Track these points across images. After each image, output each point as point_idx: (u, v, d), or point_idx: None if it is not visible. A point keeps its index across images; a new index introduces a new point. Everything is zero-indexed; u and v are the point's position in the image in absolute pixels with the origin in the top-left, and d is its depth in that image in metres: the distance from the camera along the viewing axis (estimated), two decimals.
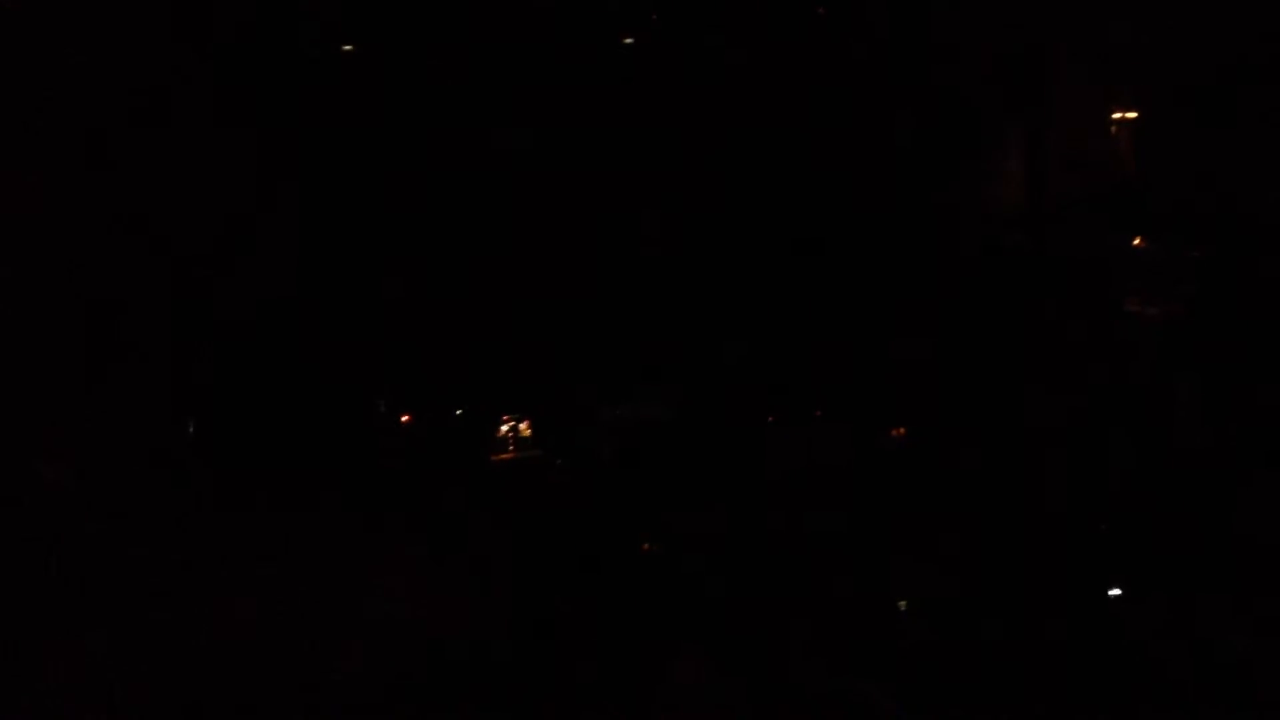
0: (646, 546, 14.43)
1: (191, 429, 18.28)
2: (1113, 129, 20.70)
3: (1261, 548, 11.85)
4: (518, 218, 19.15)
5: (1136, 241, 20.23)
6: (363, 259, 18.67)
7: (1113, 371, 18.77)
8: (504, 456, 16.77)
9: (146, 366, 16.65)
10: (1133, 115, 20.66)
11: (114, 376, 16.51)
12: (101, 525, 14.51)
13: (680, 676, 5.45)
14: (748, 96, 19.83)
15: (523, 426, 17.34)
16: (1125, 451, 18.13)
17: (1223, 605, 5.11)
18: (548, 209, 19.13)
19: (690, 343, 18.32)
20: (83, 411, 15.85)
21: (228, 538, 15.20)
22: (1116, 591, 5.12)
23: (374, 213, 18.70)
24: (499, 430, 17.12)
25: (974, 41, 20.93)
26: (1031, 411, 19.15)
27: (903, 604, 6.86)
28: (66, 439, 14.89)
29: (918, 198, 20.60)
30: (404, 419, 16.46)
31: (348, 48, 18.87)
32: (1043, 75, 20.93)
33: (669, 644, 5.84)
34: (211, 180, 17.38)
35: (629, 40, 19.78)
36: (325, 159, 18.33)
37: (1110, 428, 18.28)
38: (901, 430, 15.64)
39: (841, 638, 6.21)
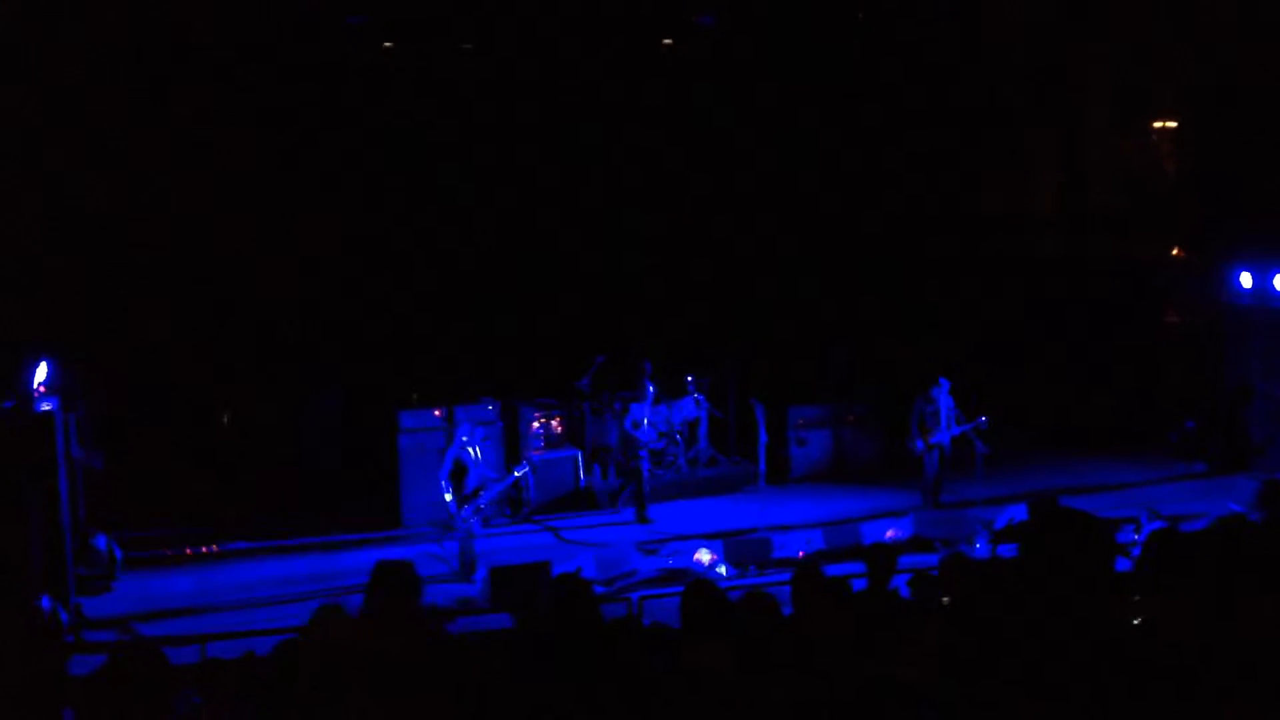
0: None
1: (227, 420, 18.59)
2: (1153, 137, 20.65)
3: None
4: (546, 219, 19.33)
5: (1176, 251, 20.13)
6: (391, 259, 18.92)
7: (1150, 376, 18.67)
8: (537, 451, 16.76)
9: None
10: (1173, 124, 20.62)
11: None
12: None
13: (703, 662, 5.38)
14: (788, 104, 19.95)
15: (554, 423, 17.33)
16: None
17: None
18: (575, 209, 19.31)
19: (723, 343, 18.41)
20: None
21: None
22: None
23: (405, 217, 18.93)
24: (531, 426, 17.10)
25: (1015, 51, 20.95)
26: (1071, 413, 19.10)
27: (946, 599, 6.78)
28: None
29: (957, 204, 20.62)
30: (437, 413, 16.40)
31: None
32: (1083, 85, 20.91)
33: (692, 632, 5.77)
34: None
35: (668, 40, 19.91)
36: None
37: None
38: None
39: (869, 625, 6.14)
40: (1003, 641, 4.05)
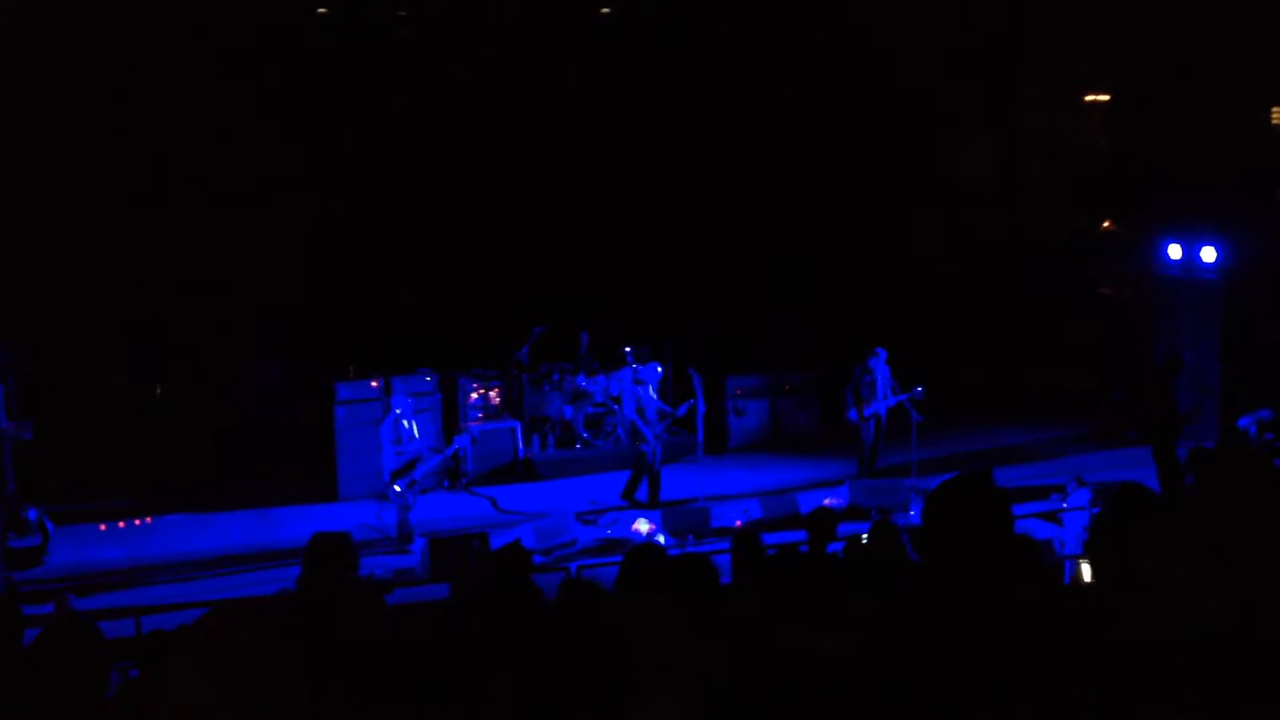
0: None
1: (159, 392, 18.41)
2: (1085, 111, 20.89)
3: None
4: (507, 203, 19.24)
5: (1106, 224, 20.40)
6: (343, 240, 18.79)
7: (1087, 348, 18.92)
8: (475, 423, 16.72)
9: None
10: (1104, 98, 20.86)
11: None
12: None
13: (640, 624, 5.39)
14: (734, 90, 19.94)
15: (492, 394, 17.29)
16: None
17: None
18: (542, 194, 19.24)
19: (664, 317, 18.43)
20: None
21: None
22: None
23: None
24: (469, 397, 17.05)
25: (949, 24, 21.07)
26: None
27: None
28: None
29: (893, 180, 20.74)
30: (374, 384, 16.30)
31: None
32: (1017, 58, 21.09)
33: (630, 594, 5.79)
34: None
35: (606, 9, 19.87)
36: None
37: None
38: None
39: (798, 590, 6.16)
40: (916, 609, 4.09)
